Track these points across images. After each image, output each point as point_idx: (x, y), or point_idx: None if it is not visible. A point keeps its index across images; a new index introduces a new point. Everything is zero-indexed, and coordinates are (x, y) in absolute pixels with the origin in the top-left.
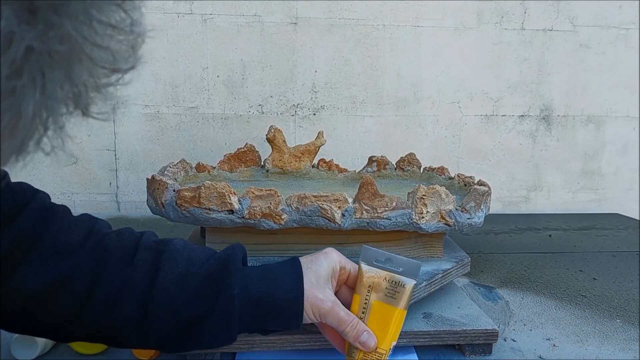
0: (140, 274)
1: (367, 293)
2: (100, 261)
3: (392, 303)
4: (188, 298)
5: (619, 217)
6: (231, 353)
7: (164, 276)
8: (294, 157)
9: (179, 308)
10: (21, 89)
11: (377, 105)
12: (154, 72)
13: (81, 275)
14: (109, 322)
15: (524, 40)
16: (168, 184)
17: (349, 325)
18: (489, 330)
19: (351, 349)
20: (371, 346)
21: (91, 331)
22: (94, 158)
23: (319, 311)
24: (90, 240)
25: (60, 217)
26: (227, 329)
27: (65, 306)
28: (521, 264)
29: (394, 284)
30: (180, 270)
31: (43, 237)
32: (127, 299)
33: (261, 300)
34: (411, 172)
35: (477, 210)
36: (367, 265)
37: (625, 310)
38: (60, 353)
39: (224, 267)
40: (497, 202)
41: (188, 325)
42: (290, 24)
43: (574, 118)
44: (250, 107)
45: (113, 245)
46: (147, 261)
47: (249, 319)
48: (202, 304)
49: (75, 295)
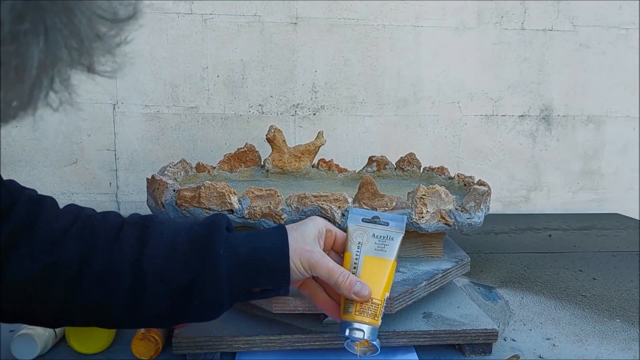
0: (127, 248)
1: (357, 250)
2: (87, 241)
3: (382, 255)
4: (176, 265)
5: (619, 217)
6: (231, 353)
7: (151, 248)
8: (294, 157)
9: (169, 276)
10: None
11: (377, 105)
12: (154, 72)
13: (70, 257)
14: (101, 299)
15: (524, 40)
16: (168, 184)
17: (340, 275)
18: (489, 330)
19: (347, 306)
20: (365, 294)
21: (85, 311)
22: (94, 158)
23: (307, 262)
24: (77, 224)
25: (49, 207)
26: (217, 291)
27: (57, 288)
28: (521, 264)
29: (382, 239)
30: (167, 240)
31: (33, 226)
32: (117, 274)
33: (248, 259)
34: (411, 172)
35: (477, 210)
36: (354, 225)
37: (625, 310)
38: (60, 353)
39: (208, 232)
40: (497, 202)
41: (179, 293)
42: (290, 24)
43: (574, 118)
44: (250, 107)
45: (99, 225)
46: (133, 235)
47: (236, 278)
48: (190, 269)
49: (66, 276)
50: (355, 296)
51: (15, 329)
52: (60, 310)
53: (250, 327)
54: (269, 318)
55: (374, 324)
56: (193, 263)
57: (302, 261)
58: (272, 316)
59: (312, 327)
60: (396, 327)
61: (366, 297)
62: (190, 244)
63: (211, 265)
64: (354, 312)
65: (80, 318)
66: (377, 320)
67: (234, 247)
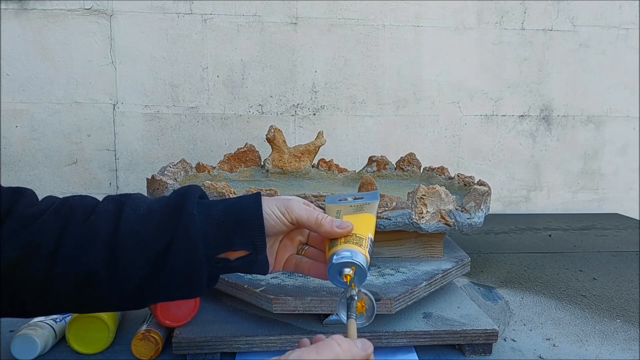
0: (104, 220)
1: (336, 215)
2: (64, 218)
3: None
4: (151, 231)
5: (619, 217)
6: (231, 353)
7: (126, 217)
8: (294, 157)
9: (144, 242)
10: None
11: (377, 105)
12: (154, 72)
13: (47, 234)
14: (79, 269)
15: (524, 40)
16: (168, 184)
17: (319, 214)
18: (489, 330)
19: (331, 245)
20: (348, 226)
21: (64, 286)
22: (94, 158)
23: (284, 205)
24: (54, 206)
25: (29, 194)
26: (192, 254)
27: (37, 266)
28: (521, 264)
29: (359, 206)
30: (142, 211)
31: (12, 211)
32: (93, 244)
33: (222, 219)
34: (411, 172)
35: (477, 210)
36: (332, 204)
37: (625, 310)
38: (60, 353)
39: (182, 198)
40: (497, 202)
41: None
42: (290, 24)
43: (574, 118)
44: (250, 107)
45: (76, 204)
46: (109, 208)
47: (212, 241)
48: (164, 233)
49: (44, 252)
50: (337, 229)
51: (15, 329)
52: (39, 290)
53: (250, 327)
54: (269, 318)
55: (360, 250)
56: (167, 226)
57: (278, 206)
58: (272, 316)
59: (312, 327)
60: (396, 327)
61: (349, 228)
62: (164, 209)
63: (185, 227)
64: (339, 243)
65: (59, 299)
66: (364, 250)
67: (208, 208)
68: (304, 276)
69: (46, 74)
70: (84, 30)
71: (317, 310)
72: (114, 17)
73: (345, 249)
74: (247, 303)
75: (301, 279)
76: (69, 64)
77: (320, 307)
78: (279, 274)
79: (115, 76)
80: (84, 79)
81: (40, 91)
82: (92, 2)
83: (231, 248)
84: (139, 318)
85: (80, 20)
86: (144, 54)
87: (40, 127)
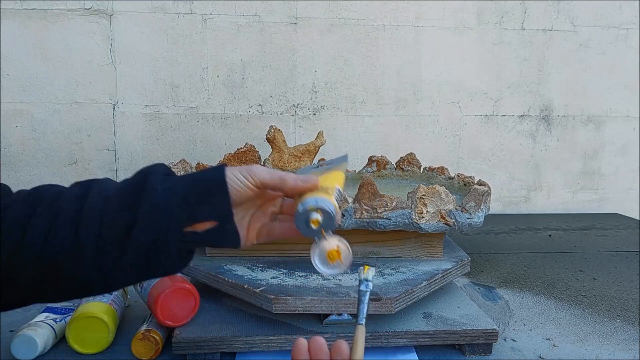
0: (68, 203)
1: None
2: (32, 204)
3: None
4: (117, 208)
5: (619, 217)
6: (231, 353)
7: (92, 197)
8: (294, 157)
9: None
10: None
11: (377, 105)
12: (154, 72)
13: (14, 221)
14: (45, 252)
15: (524, 40)
16: None
17: (283, 173)
18: (489, 330)
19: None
20: (314, 181)
21: (32, 271)
22: (94, 158)
23: (247, 170)
24: (22, 195)
25: (2, 187)
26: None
27: (3, 254)
28: (521, 264)
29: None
30: (109, 193)
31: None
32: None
33: (186, 192)
34: (411, 172)
35: (477, 210)
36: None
37: (625, 310)
38: (60, 353)
39: (145, 175)
40: (497, 202)
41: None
42: (290, 24)
43: (574, 118)
44: (250, 107)
45: (45, 191)
46: (76, 191)
47: (177, 211)
48: (129, 209)
49: (10, 238)
50: (302, 182)
51: (15, 329)
52: (7, 280)
53: (250, 327)
54: (269, 318)
55: (326, 197)
56: (132, 203)
57: (241, 171)
58: (272, 316)
59: (312, 327)
60: (396, 327)
61: (314, 182)
62: (129, 188)
63: (149, 202)
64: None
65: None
66: (330, 197)
67: (172, 184)
68: (304, 276)
69: (46, 74)
70: (84, 30)
71: (317, 310)
72: (114, 17)
73: (310, 197)
74: (247, 303)
75: (301, 279)
76: (68, 64)
77: (320, 307)
78: (279, 274)
79: (115, 76)
80: (84, 79)
81: (40, 91)
82: (92, 2)
83: (197, 220)
84: (139, 318)
85: (80, 20)
86: (144, 54)
87: (40, 127)
